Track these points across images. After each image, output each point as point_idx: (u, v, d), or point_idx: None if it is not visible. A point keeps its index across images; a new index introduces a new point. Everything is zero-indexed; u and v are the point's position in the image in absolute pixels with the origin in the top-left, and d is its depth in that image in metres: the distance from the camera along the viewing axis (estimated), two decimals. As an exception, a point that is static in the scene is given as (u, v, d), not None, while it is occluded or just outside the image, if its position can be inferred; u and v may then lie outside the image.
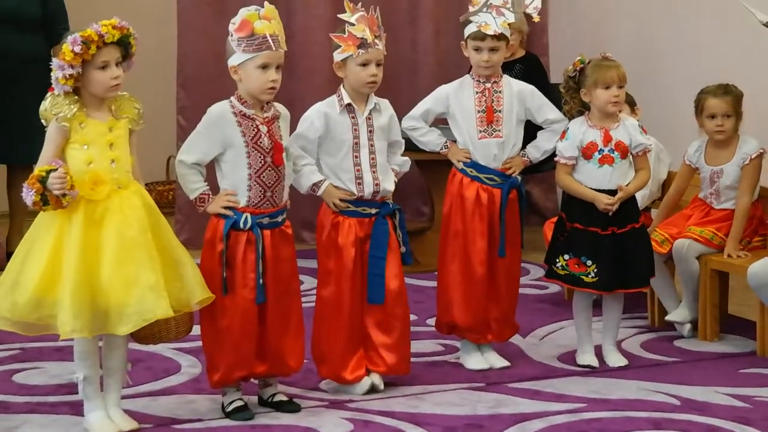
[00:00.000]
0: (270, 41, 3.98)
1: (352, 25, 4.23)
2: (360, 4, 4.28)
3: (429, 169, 6.09)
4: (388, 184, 4.35)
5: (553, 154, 4.69)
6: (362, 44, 4.23)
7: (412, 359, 4.67)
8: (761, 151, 4.99)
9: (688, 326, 5.08)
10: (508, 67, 6.11)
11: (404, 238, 4.38)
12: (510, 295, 4.72)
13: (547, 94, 5.05)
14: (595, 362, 4.69)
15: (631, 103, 5.43)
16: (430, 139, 4.70)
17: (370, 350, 4.38)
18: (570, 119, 4.67)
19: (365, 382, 4.36)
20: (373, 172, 4.32)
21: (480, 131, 4.61)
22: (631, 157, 4.62)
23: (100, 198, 3.81)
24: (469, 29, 4.57)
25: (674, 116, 6.06)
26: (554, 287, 5.74)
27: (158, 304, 3.77)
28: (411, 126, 4.67)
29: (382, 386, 4.38)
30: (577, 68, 4.60)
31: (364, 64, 4.25)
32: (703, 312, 5.03)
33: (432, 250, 6.26)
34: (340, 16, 4.27)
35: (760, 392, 4.37)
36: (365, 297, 4.34)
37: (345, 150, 4.31)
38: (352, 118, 4.32)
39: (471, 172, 4.63)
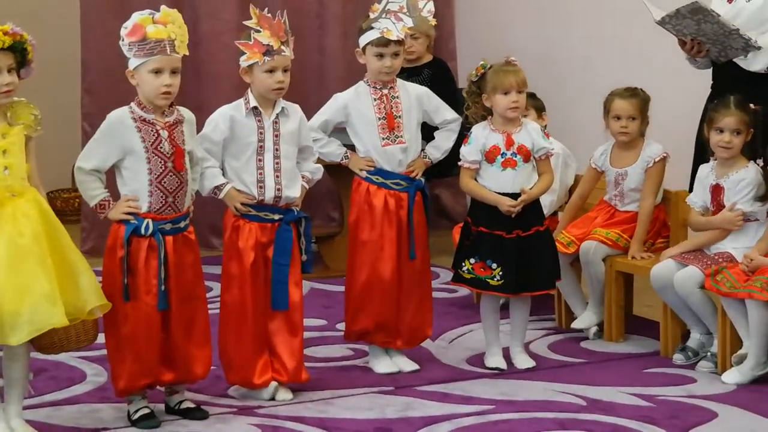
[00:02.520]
0: (162, 45, 3.95)
1: (258, 31, 4.21)
2: (267, 9, 4.26)
3: (339, 175, 6.06)
4: (292, 191, 4.33)
5: (455, 157, 4.72)
6: (268, 51, 4.22)
7: (322, 364, 4.68)
8: (664, 155, 5.07)
9: (594, 329, 5.14)
10: (416, 72, 6.14)
11: (307, 246, 4.37)
12: (422, 299, 4.72)
13: (454, 98, 5.08)
14: (503, 364, 4.72)
15: (539, 108, 5.48)
16: (331, 150, 4.70)
17: (271, 357, 4.36)
18: (474, 123, 4.70)
19: (271, 387, 4.33)
20: (276, 176, 4.30)
21: (383, 138, 4.62)
22: (534, 161, 4.66)
23: None
24: (370, 36, 4.57)
25: (580, 121, 6.13)
26: (464, 291, 5.76)
27: (53, 313, 3.71)
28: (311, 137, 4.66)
29: (290, 396, 4.35)
30: (479, 73, 4.63)
31: (271, 71, 4.23)
32: (609, 313, 5.09)
33: (342, 255, 6.22)
34: (245, 22, 4.25)
35: (663, 391, 4.44)
36: (269, 302, 4.32)
37: (249, 153, 4.29)
38: (259, 121, 4.31)
39: (377, 179, 4.64)
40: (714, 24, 4.72)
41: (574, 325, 5.16)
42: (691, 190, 4.90)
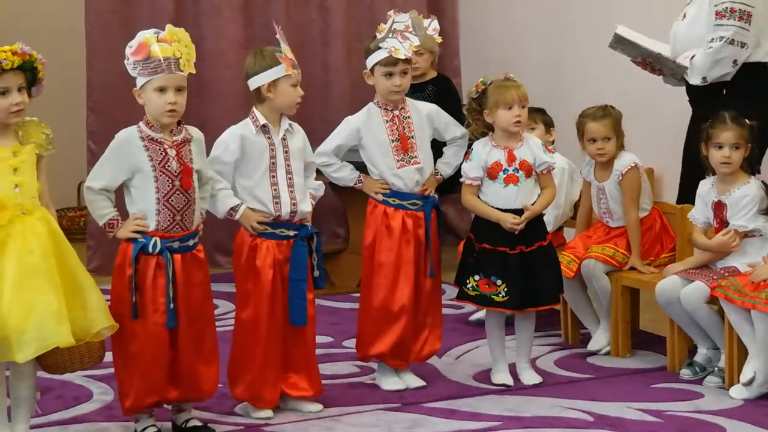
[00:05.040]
0: (166, 64, 3.96)
1: (282, 46, 4.25)
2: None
3: (344, 192, 6.07)
4: (305, 206, 4.36)
5: (459, 173, 4.73)
6: (293, 65, 4.26)
7: (329, 381, 4.67)
8: (633, 164, 5.06)
9: (606, 349, 5.13)
10: (421, 89, 6.14)
11: (319, 262, 4.38)
12: (435, 315, 4.72)
13: (459, 114, 5.08)
14: (509, 380, 4.72)
15: (547, 123, 5.48)
16: (344, 175, 4.70)
17: (289, 373, 4.37)
18: (475, 140, 4.70)
19: (303, 404, 4.37)
20: (291, 191, 4.32)
21: (398, 161, 4.63)
22: (536, 175, 4.66)
23: (2, 224, 3.75)
24: (378, 56, 4.58)
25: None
26: (469, 307, 5.75)
27: (58, 332, 3.72)
28: (324, 162, 4.65)
29: (318, 408, 4.39)
30: (480, 89, 4.63)
31: (295, 85, 4.27)
32: (615, 328, 5.08)
33: (347, 271, 6.25)
34: (278, 36, 4.27)
35: (671, 406, 4.43)
36: (285, 320, 4.32)
37: (262, 170, 4.31)
38: (268, 138, 4.33)
39: (394, 201, 4.64)
40: (641, 50, 4.73)
41: (590, 347, 5.14)
42: (678, 202, 4.89)
